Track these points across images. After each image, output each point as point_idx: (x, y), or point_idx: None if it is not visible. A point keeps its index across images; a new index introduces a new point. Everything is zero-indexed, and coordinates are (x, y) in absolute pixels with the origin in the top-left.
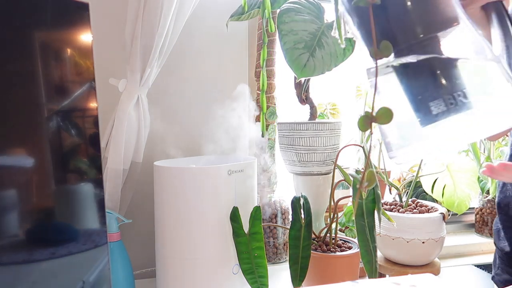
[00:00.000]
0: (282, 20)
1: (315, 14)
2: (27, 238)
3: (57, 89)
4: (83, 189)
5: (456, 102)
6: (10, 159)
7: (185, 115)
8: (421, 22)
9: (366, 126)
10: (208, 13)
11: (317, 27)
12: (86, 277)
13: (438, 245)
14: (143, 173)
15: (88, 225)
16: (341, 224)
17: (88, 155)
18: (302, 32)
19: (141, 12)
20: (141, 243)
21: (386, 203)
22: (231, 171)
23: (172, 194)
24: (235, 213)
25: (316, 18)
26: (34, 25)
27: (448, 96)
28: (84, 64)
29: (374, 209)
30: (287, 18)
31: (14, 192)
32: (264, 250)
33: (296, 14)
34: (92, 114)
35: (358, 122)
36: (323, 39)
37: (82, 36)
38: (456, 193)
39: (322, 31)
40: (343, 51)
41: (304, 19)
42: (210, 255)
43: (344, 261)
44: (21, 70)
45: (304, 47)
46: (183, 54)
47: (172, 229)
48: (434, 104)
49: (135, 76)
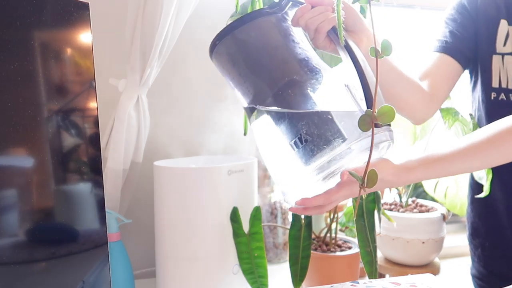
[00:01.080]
0: None
1: None
2: (27, 238)
3: (57, 89)
4: (83, 189)
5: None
6: (10, 159)
7: (185, 115)
8: (276, 79)
9: (367, 126)
10: (208, 13)
11: None
12: (86, 277)
13: (438, 245)
14: (143, 173)
15: (88, 225)
16: (341, 224)
17: (88, 155)
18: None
19: (141, 12)
20: (141, 243)
21: (386, 203)
22: (231, 171)
23: (172, 194)
24: (235, 213)
25: None
26: (34, 25)
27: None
28: (84, 64)
29: (374, 209)
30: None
31: (14, 192)
32: (264, 250)
33: None
34: (92, 114)
35: (359, 122)
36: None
37: (82, 36)
38: (459, 195)
39: None
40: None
41: None
42: (210, 255)
43: (344, 261)
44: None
45: None
46: (183, 54)
47: (172, 229)
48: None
49: (135, 76)
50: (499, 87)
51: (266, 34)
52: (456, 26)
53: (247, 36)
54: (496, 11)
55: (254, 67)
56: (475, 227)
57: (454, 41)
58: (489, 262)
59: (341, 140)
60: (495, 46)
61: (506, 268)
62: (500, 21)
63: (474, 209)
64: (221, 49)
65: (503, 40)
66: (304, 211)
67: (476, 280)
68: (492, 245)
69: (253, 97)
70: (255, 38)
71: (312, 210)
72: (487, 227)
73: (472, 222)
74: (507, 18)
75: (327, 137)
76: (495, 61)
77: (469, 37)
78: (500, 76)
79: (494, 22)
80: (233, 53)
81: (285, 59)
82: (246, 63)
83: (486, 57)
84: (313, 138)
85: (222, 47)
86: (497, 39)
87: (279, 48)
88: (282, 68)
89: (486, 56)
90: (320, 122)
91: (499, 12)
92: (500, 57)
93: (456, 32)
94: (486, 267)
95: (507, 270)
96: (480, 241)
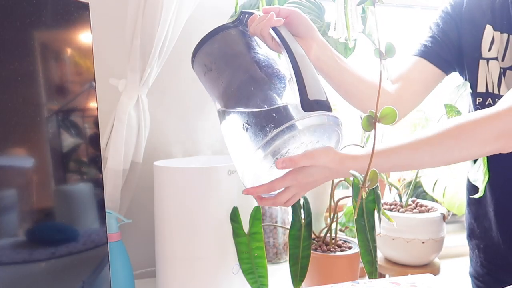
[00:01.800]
0: None
1: (316, 14)
2: (27, 238)
3: (57, 89)
4: (83, 189)
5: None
6: (10, 159)
7: (185, 115)
8: (232, 82)
9: (370, 126)
10: (208, 13)
11: (318, 26)
12: (86, 277)
13: (438, 245)
14: (143, 173)
15: (88, 225)
16: (341, 224)
17: (88, 155)
18: None
19: (141, 12)
20: (141, 243)
21: (386, 203)
22: (231, 171)
23: (172, 194)
24: (235, 213)
25: (317, 17)
26: (34, 25)
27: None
28: (84, 64)
29: (374, 209)
30: None
31: (14, 192)
32: (264, 250)
33: None
34: (92, 114)
35: (362, 122)
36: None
37: (82, 36)
38: (458, 195)
39: (324, 30)
40: (345, 50)
41: None
42: (210, 255)
43: (344, 261)
44: (21, 70)
45: None
46: (183, 54)
47: (172, 229)
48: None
49: (135, 76)
50: (485, 92)
51: (227, 45)
52: (438, 31)
53: (211, 49)
54: (482, 16)
55: (218, 75)
56: (471, 229)
57: (434, 46)
58: (485, 263)
59: (284, 121)
60: (480, 51)
61: (500, 271)
62: (485, 26)
63: (471, 211)
64: (195, 62)
65: (488, 45)
66: (260, 200)
67: (473, 280)
68: (486, 247)
69: (219, 100)
70: (218, 50)
71: (265, 200)
72: (481, 230)
73: (469, 223)
74: (493, 23)
75: (273, 118)
76: (481, 66)
77: (450, 43)
78: (486, 81)
79: (479, 27)
80: (203, 64)
81: (241, 64)
82: (212, 72)
83: (473, 62)
84: (259, 120)
85: (196, 60)
86: (482, 44)
87: (237, 56)
88: (238, 72)
89: (472, 61)
90: (269, 111)
91: (484, 17)
92: (486, 62)
93: (437, 37)
94: (482, 267)
95: (501, 272)
96: (476, 242)
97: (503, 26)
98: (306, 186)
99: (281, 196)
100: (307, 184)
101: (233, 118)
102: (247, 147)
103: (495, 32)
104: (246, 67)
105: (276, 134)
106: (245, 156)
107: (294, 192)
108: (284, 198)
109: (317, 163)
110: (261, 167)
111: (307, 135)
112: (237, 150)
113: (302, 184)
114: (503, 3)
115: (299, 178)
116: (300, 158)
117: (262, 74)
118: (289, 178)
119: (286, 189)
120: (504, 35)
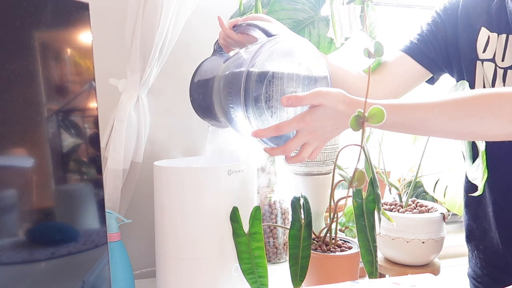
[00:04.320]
0: (272, 9)
1: (311, 5)
2: (27, 238)
3: (57, 89)
4: (83, 189)
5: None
6: (10, 159)
7: (185, 115)
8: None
9: (358, 126)
10: (208, 13)
11: (308, 16)
12: (86, 277)
13: (438, 245)
14: (143, 173)
15: (88, 225)
16: (341, 224)
17: (88, 155)
18: (287, 21)
19: (141, 12)
20: (141, 243)
21: (386, 203)
22: (231, 171)
23: (172, 194)
24: (235, 213)
25: (311, 9)
26: (34, 25)
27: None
28: (84, 64)
29: (374, 209)
30: (277, 7)
31: (14, 192)
32: (264, 250)
33: (289, 3)
34: (92, 114)
35: (350, 122)
36: (309, 29)
37: (82, 36)
38: (458, 195)
39: (312, 22)
40: (329, 44)
41: (295, 7)
42: (210, 255)
43: (344, 261)
44: (21, 70)
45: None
46: (183, 54)
47: (172, 229)
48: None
49: (135, 76)
50: None
51: (206, 70)
52: (427, 30)
53: (198, 76)
54: (477, 19)
55: (203, 94)
56: (470, 230)
57: (419, 43)
58: (484, 264)
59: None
60: (476, 53)
61: (498, 272)
62: (480, 28)
63: (469, 212)
64: (192, 104)
65: (483, 47)
66: (270, 151)
67: (472, 281)
68: (485, 248)
69: (220, 116)
70: (200, 76)
71: (275, 150)
72: (480, 230)
73: (467, 225)
74: (488, 25)
75: (239, 73)
76: (478, 68)
77: (437, 43)
78: (483, 82)
79: (474, 29)
80: (195, 90)
81: (213, 78)
82: (201, 100)
83: (470, 63)
84: (234, 89)
85: (192, 101)
86: (477, 46)
87: (211, 73)
88: (212, 85)
89: (469, 63)
90: (234, 75)
91: (479, 20)
92: (481, 63)
93: (424, 36)
94: (481, 268)
95: (499, 273)
96: (475, 243)
97: (500, 27)
98: (316, 133)
99: (290, 143)
100: (316, 131)
101: (233, 118)
102: (244, 116)
103: (491, 34)
104: (218, 77)
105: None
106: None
107: (305, 139)
108: (294, 145)
109: (325, 101)
110: (261, 118)
111: (285, 74)
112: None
113: (311, 129)
114: (500, 5)
115: (307, 119)
116: (307, 95)
117: (230, 72)
118: (296, 118)
119: (296, 135)
120: (503, 35)
